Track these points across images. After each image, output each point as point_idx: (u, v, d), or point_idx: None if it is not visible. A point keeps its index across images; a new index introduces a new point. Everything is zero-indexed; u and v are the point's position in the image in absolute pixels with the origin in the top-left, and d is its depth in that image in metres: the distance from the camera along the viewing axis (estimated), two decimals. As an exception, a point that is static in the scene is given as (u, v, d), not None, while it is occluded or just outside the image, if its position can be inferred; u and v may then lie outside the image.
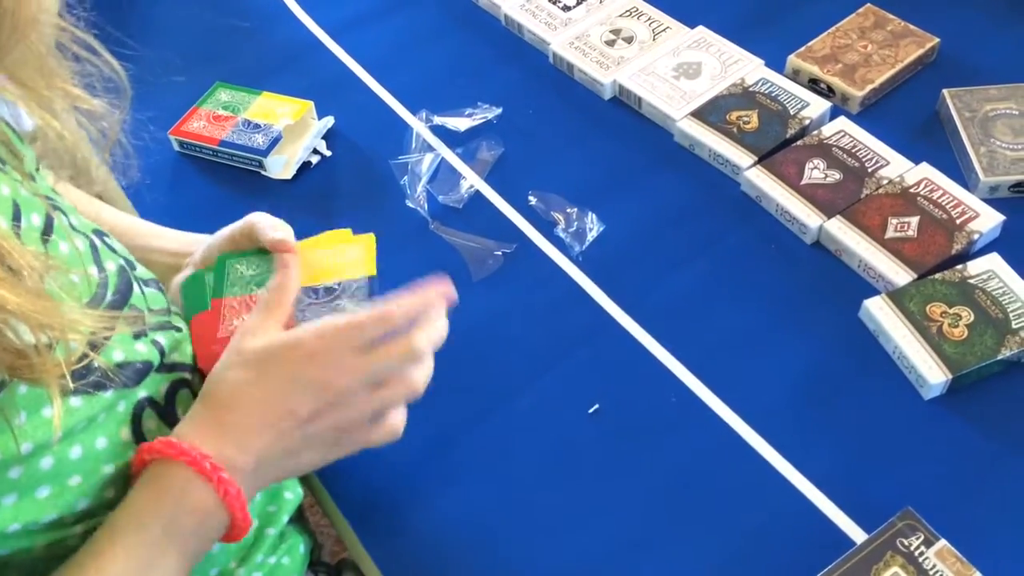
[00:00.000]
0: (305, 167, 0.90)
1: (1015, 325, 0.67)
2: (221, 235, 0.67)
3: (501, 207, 0.84)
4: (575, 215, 0.81)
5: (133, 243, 0.68)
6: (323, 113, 0.93)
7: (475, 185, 0.86)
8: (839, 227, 0.76)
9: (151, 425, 0.56)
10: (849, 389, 0.68)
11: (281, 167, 0.89)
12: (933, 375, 0.65)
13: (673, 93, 0.89)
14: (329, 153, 0.91)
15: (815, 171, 0.80)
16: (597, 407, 0.69)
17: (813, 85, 0.89)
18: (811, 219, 0.77)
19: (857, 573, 0.57)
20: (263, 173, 0.89)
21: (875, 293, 0.72)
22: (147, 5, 1.15)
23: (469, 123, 0.91)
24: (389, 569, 0.63)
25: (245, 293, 0.63)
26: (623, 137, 0.89)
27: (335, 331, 0.55)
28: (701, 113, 0.86)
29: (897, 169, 0.79)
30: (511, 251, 0.80)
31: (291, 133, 0.91)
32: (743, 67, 0.90)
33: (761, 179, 0.80)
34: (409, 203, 0.85)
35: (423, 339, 0.56)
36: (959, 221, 0.75)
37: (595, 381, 0.70)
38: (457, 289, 0.76)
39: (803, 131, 0.84)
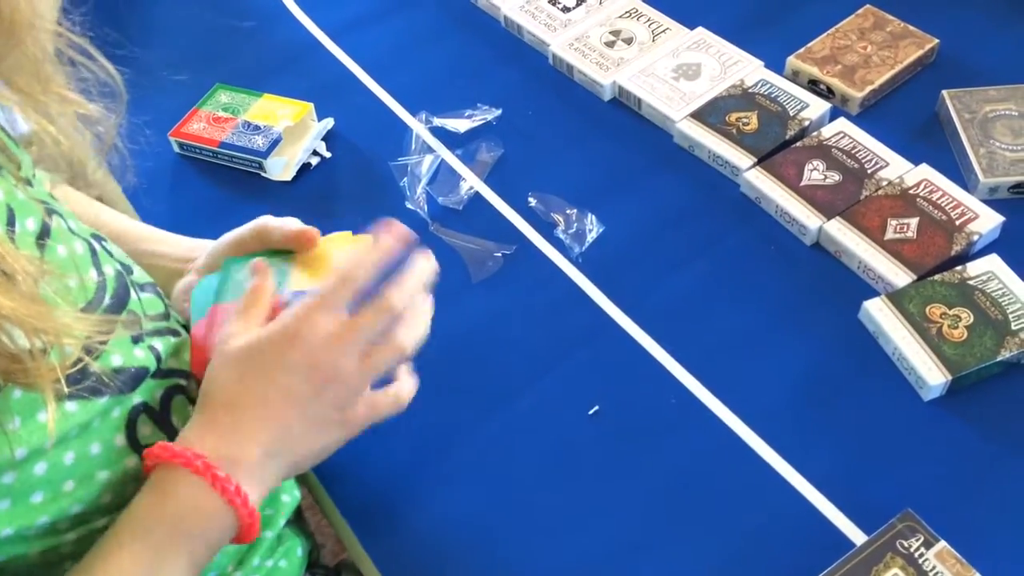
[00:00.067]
0: (305, 169, 0.90)
1: (1015, 326, 0.67)
2: (225, 240, 0.66)
3: (501, 208, 0.84)
4: (575, 216, 0.81)
5: (136, 248, 0.68)
6: (323, 115, 0.93)
7: (475, 186, 0.86)
8: (838, 228, 0.76)
9: (146, 431, 0.56)
10: (849, 390, 0.68)
11: (281, 169, 0.89)
12: (933, 376, 0.65)
13: (673, 94, 0.89)
14: (329, 155, 0.91)
15: (815, 172, 0.80)
16: (597, 408, 0.69)
17: (813, 86, 0.89)
18: (811, 220, 0.77)
19: (857, 574, 0.57)
20: (263, 175, 0.89)
21: (875, 294, 0.72)
22: (147, 7, 1.15)
23: (469, 124, 0.91)
24: (389, 570, 0.63)
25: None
26: (623, 138, 0.89)
27: (308, 308, 0.55)
28: (701, 114, 0.86)
29: (897, 170, 0.79)
30: (511, 252, 0.80)
31: (291, 135, 0.91)
32: (742, 68, 0.90)
33: (761, 180, 0.80)
34: (409, 205, 0.85)
35: (395, 294, 0.56)
36: (959, 222, 0.75)
37: (595, 382, 0.70)
38: (456, 291, 0.78)
39: (803, 132, 0.84)
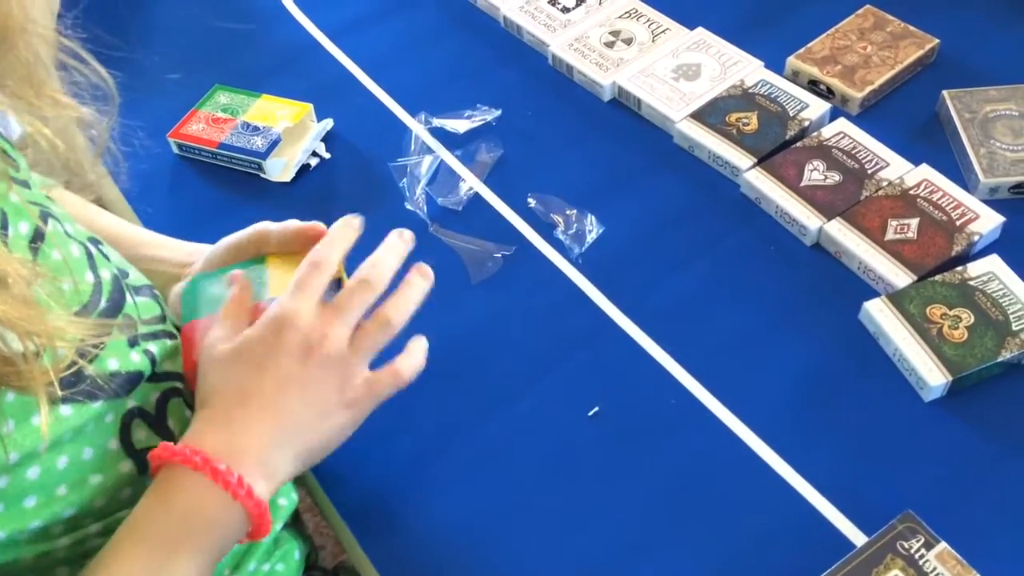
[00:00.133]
0: (304, 169, 0.90)
1: (1015, 327, 0.67)
2: (223, 244, 0.66)
3: (500, 209, 0.84)
4: (574, 217, 0.81)
5: (135, 252, 0.68)
6: (322, 115, 0.93)
7: (474, 187, 0.86)
8: (839, 229, 0.75)
9: (141, 435, 0.55)
10: (849, 391, 0.68)
11: (280, 170, 0.89)
12: (933, 377, 0.65)
13: (672, 95, 0.89)
14: (328, 155, 0.91)
15: (815, 173, 0.80)
16: (597, 409, 0.69)
17: (812, 86, 0.89)
18: (811, 221, 0.76)
19: (857, 576, 0.56)
20: (262, 176, 0.89)
21: (875, 295, 0.72)
22: (146, 8, 1.15)
23: (468, 125, 0.91)
24: (388, 572, 0.62)
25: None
26: (622, 139, 0.89)
27: (288, 297, 0.56)
28: (700, 115, 0.86)
29: (897, 171, 0.79)
30: (510, 253, 0.80)
31: (290, 135, 0.91)
32: (742, 68, 0.90)
33: (760, 181, 0.80)
34: (408, 205, 0.85)
35: (367, 269, 0.58)
36: (959, 223, 0.75)
37: (595, 383, 0.70)
38: (456, 292, 0.78)
39: (803, 133, 0.84)
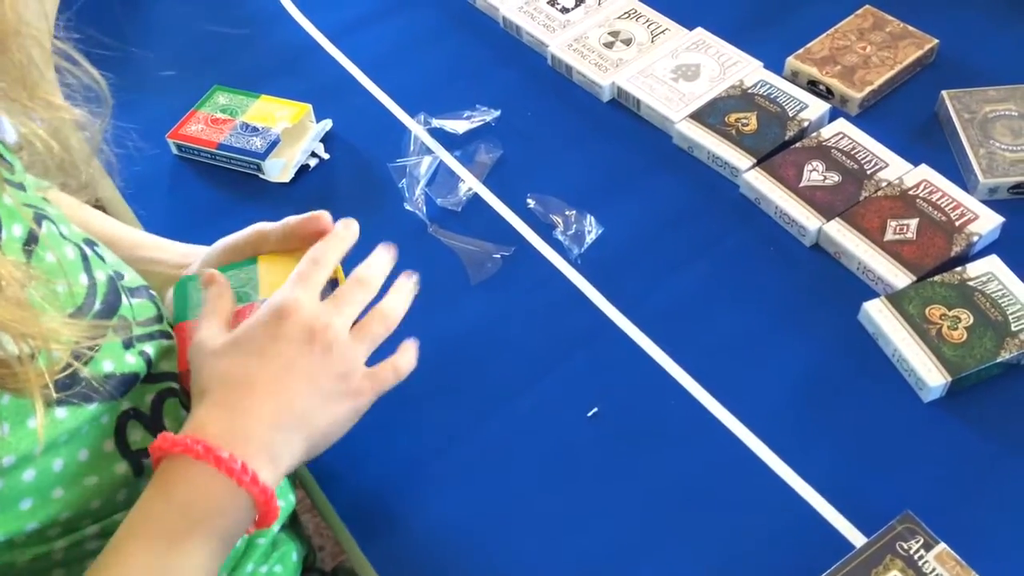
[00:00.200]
0: (303, 170, 0.90)
1: (1014, 328, 0.67)
2: (220, 245, 0.66)
3: (500, 210, 0.84)
4: (574, 218, 0.81)
5: (132, 254, 0.68)
6: (321, 116, 0.93)
7: (473, 188, 0.86)
8: (838, 229, 0.75)
9: (136, 437, 0.55)
10: (848, 392, 0.68)
11: (279, 170, 0.89)
12: (932, 378, 0.65)
13: (672, 95, 0.89)
14: (327, 156, 0.91)
15: (814, 173, 0.80)
16: (596, 410, 0.69)
17: (812, 87, 0.89)
18: (810, 221, 0.76)
19: (856, 577, 0.56)
20: (261, 176, 0.89)
21: (874, 295, 0.72)
22: (145, 9, 1.15)
23: (467, 125, 0.91)
24: (388, 573, 0.62)
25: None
26: (622, 139, 0.89)
27: (289, 287, 0.57)
28: (700, 115, 0.86)
29: (896, 171, 0.79)
30: (509, 254, 0.80)
31: (289, 136, 0.91)
32: (742, 69, 0.90)
33: (760, 181, 0.80)
34: (407, 206, 0.85)
35: (362, 269, 0.60)
36: (958, 223, 0.74)
37: (594, 384, 0.70)
38: (455, 293, 0.78)
39: (802, 133, 0.84)
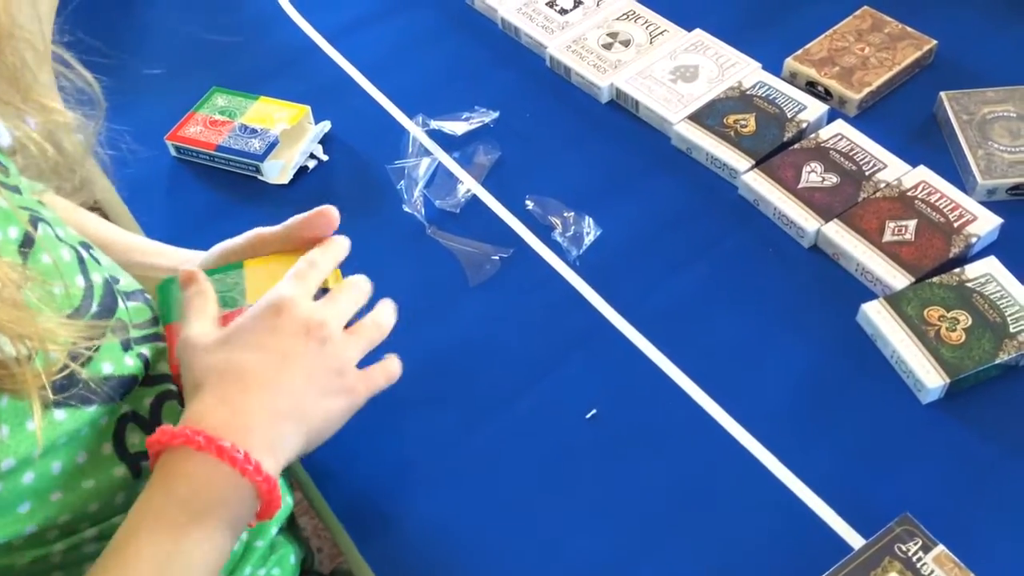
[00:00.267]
0: (302, 172, 0.90)
1: (1013, 329, 0.67)
2: (217, 250, 0.66)
3: (498, 211, 0.84)
4: (572, 219, 0.81)
5: (127, 258, 0.68)
6: (320, 117, 0.93)
7: (472, 189, 0.86)
8: (836, 231, 0.75)
9: (135, 439, 0.55)
10: (847, 393, 0.68)
11: (278, 172, 0.89)
12: (931, 379, 0.65)
13: (670, 96, 0.89)
14: (326, 158, 0.91)
15: (812, 174, 0.80)
16: (594, 412, 0.69)
17: (810, 88, 0.89)
18: (808, 223, 0.76)
19: (855, 579, 0.56)
20: (260, 178, 0.89)
21: (873, 297, 0.72)
22: (143, 11, 1.14)
23: (466, 127, 0.91)
24: (386, 575, 0.62)
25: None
26: (620, 141, 0.89)
27: (286, 284, 0.57)
28: (698, 116, 0.86)
29: (895, 172, 0.79)
30: (508, 256, 0.80)
31: (288, 138, 0.91)
32: (740, 70, 0.90)
33: (758, 183, 0.80)
34: (406, 208, 0.85)
35: (353, 278, 0.61)
36: (957, 224, 0.74)
37: (592, 386, 0.70)
38: (454, 294, 0.78)
39: (800, 134, 0.84)
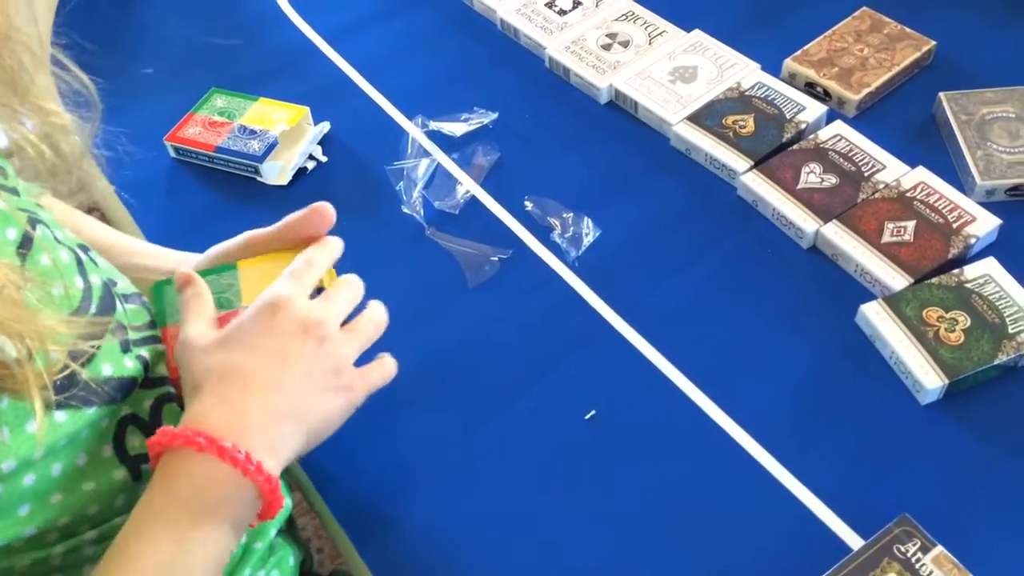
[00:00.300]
0: (301, 173, 0.90)
1: (1012, 330, 0.67)
2: (212, 253, 0.66)
3: (497, 212, 0.84)
4: (571, 220, 0.81)
5: (124, 261, 0.68)
6: (319, 119, 0.93)
7: (471, 190, 0.86)
8: (835, 232, 0.75)
9: (135, 442, 0.55)
10: (846, 394, 0.68)
11: (277, 173, 0.89)
12: (930, 380, 0.65)
13: (669, 97, 0.89)
14: (325, 159, 0.91)
15: (811, 175, 0.80)
16: (593, 413, 0.69)
17: (809, 89, 0.89)
18: (807, 224, 0.76)
19: (854, 580, 0.56)
20: (259, 179, 0.89)
21: (872, 298, 0.72)
22: (142, 11, 1.14)
23: (465, 128, 0.91)
24: (384, 577, 0.63)
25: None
26: (619, 142, 0.89)
27: (282, 283, 0.57)
28: (697, 117, 0.86)
29: (893, 173, 0.79)
30: (507, 257, 0.80)
31: (287, 139, 0.91)
32: (739, 71, 0.90)
33: (757, 183, 0.80)
34: (405, 209, 0.85)
35: (347, 277, 0.61)
36: (956, 225, 0.74)
37: (591, 387, 0.70)
38: (453, 295, 0.78)
39: (799, 135, 0.84)
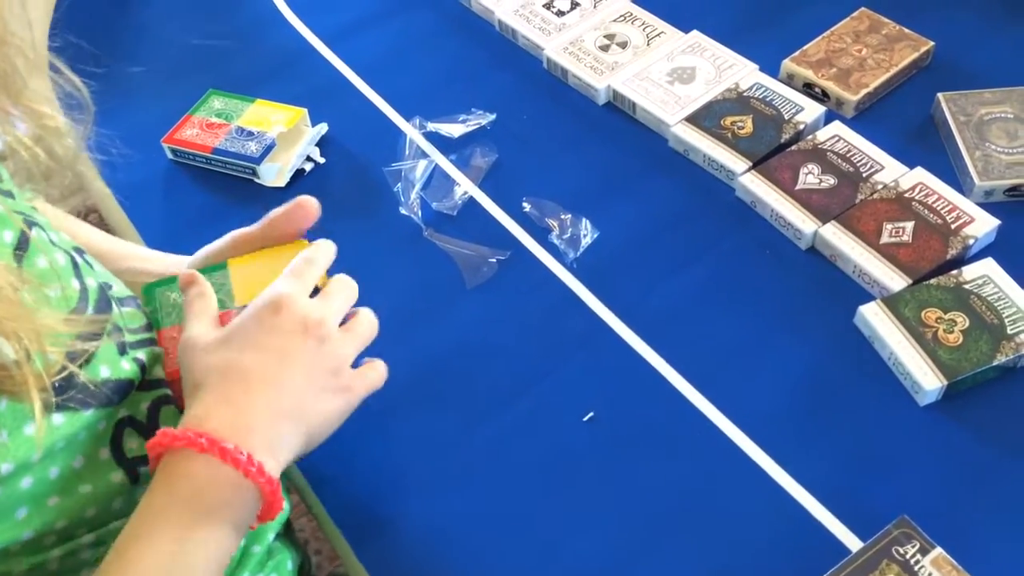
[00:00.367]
0: (299, 175, 0.90)
1: (1010, 331, 0.67)
2: (201, 254, 0.66)
3: (495, 214, 0.84)
4: (569, 221, 0.81)
5: (117, 265, 0.68)
6: (317, 120, 0.93)
7: (469, 192, 0.85)
8: (834, 232, 0.75)
9: (132, 445, 0.55)
10: (844, 395, 0.68)
11: (275, 175, 0.89)
12: (928, 381, 0.65)
13: (667, 98, 0.89)
14: (323, 160, 0.91)
15: (810, 176, 0.80)
16: (592, 415, 0.68)
17: (808, 89, 0.89)
18: (806, 224, 0.76)
19: (852, 582, 0.56)
20: (256, 181, 0.89)
21: (870, 299, 0.72)
22: (139, 13, 1.14)
23: (463, 129, 0.91)
24: (383, 580, 0.63)
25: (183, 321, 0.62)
26: (617, 143, 0.89)
27: (283, 282, 0.57)
28: (695, 118, 0.86)
29: (892, 174, 0.79)
30: (505, 258, 0.80)
31: (284, 140, 0.91)
32: (737, 72, 0.90)
33: (756, 184, 0.80)
34: (403, 210, 0.84)
35: (342, 275, 0.62)
36: (954, 226, 0.74)
37: (590, 388, 0.70)
38: (451, 297, 0.77)
39: (797, 136, 0.84)
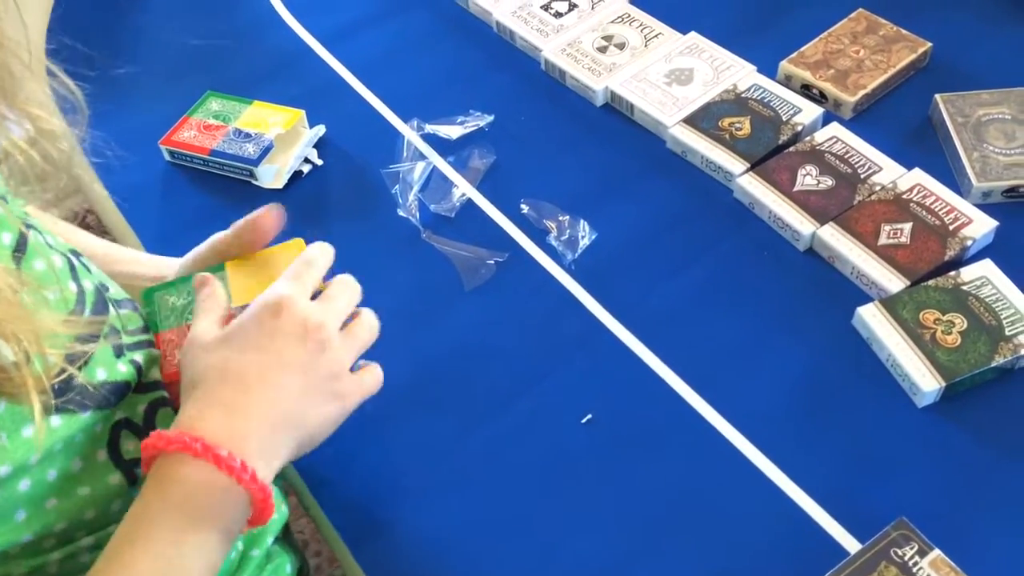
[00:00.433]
0: (296, 176, 0.90)
1: (1008, 332, 0.67)
2: (189, 257, 0.67)
3: (493, 215, 0.84)
4: (567, 223, 0.81)
5: (111, 269, 0.68)
6: (314, 122, 0.93)
7: (467, 193, 0.85)
8: (832, 234, 0.75)
9: (129, 446, 0.55)
10: (842, 397, 0.68)
11: (272, 176, 0.89)
12: (926, 383, 0.65)
13: (665, 99, 0.89)
14: (320, 162, 0.91)
15: (808, 177, 0.80)
16: (590, 416, 0.68)
17: (805, 91, 0.89)
18: (804, 226, 0.76)
19: (851, 584, 0.56)
20: (254, 182, 0.89)
21: (868, 300, 0.72)
22: (137, 15, 1.14)
23: (461, 131, 0.91)
24: (381, 582, 0.62)
25: (183, 323, 0.62)
26: (615, 144, 0.89)
27: (283, 284, 0.57)
28: (693, 119, 0.86)
29: (890, 175, 0.79)
30: (503, 260, 0.80)
31: (282, 142, 0.91)
32: (735, 73, 0.90)
33: (754, 186, 0.80)
34: (401, 212, 0.84)
35: (343, 276, 0.61)
36: (952, 227, 0.74)
37: (588, 390, 0.70)
38: (449, 299, 0.77)
39: (795, 137, 0.84)
